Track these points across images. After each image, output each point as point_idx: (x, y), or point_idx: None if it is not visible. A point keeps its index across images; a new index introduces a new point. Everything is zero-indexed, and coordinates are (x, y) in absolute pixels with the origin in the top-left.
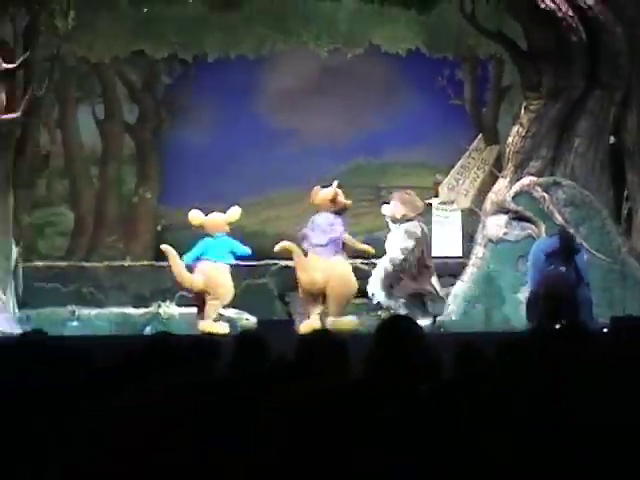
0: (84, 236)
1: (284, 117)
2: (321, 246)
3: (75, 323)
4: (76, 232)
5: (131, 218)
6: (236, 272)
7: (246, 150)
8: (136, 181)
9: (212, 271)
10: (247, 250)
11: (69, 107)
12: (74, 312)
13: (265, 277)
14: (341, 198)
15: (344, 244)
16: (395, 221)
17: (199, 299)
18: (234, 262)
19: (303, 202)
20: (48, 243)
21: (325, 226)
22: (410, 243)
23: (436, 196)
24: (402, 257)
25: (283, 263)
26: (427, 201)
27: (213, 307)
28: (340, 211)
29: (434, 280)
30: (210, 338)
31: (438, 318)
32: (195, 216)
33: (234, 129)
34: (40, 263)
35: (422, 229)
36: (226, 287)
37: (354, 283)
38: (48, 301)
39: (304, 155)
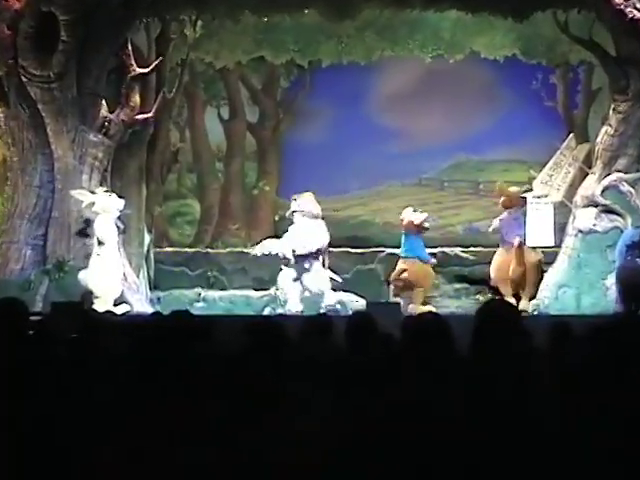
0: (210, 225)
1: (392, 118)
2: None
3: (201, 304)
4: (202, 221)
5: (252, 209)
6: (347, 258)
7: (356, 148)
8: (257, 175)
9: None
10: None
11: (197, 108)
12: (200, 294)
13: (373, 263)
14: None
15: None
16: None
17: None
18: (344, 249)
19: (409, 195)
20: (177, 231)
21: None
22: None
23: (531, 190)
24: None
25: (389, 250)
26: (522, 195)
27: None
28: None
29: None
30: (326, 316)
31: (533, 301)
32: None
33: (345, 129)
34: (170, 249)
35: None
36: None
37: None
38: (177, 284)
39: (410, 152)
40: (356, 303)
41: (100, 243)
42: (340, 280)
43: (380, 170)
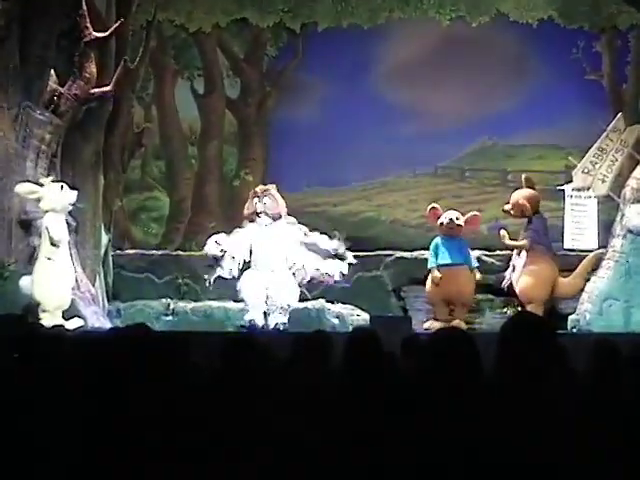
0: (181, 222)
1: (402, 93)
2: None
3: (170, 318)
4: (172, 218)
5: (232, 202)
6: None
7: (360, 129)
8: (238, 162)
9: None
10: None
11: (166, 81)
12: (169, 305)
13: (379, 269)
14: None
15: None
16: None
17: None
18: None
19: (422, 187)
20: (142, 230)
21: None
22: None
23: (569, 182)
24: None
25: (399, 254)
26: (559, 187)
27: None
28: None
29: None
30: (322, 334)
31: (572, 317)
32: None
33: (346, 106)
34: (132, 251)
35: None
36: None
37: None
38: (140, 293)
39: (423, 135)
40: (357, 317)
41: (53, 244)
42: (354, 261)
43: (387, 157)
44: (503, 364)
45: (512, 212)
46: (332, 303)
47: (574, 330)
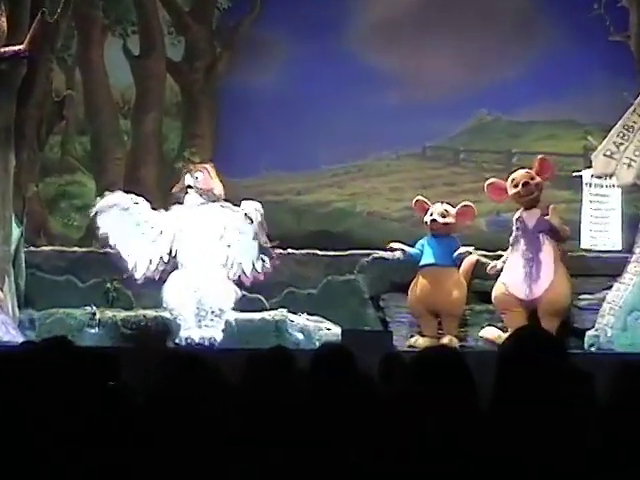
0: None
1: (382, 56)
2: None
3: (95, 330)
4: None
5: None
6: (314, 265)
7: (331, 100)
8: (181, 139)
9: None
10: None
11: (92, 38)
12: (94, 315)
13: (353, 272)
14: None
15: None
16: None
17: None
18: (310, 251)
19: (406, 171)
20: (62, 222)
21: None
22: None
23: (588, 167)
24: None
25: (378, 254)
26: (576, 173)
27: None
28: None
29: None
30: (283, 350)
31: (591, 333)
32: None
33: (314, 72)
34: (50, 248)
35: None
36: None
37: None
38: (60, 300)
39: (409, 108)
40: (326, 332)
41: None
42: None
43: (364, 134)
44: (504, 391)
45: (529, 186)
46: (295, 314)
47: (592, 349)
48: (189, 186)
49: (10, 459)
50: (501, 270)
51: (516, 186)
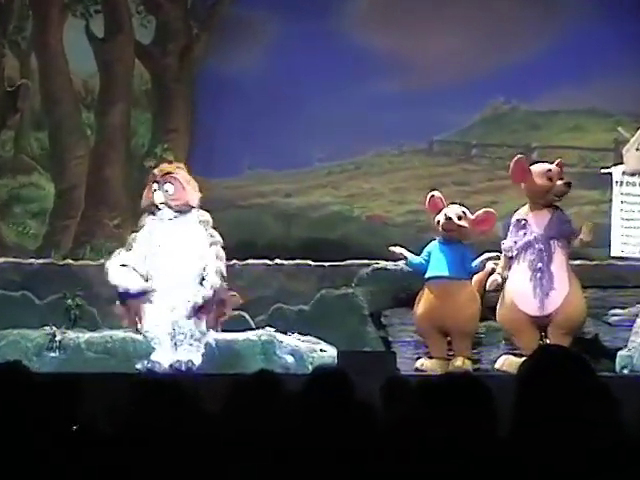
0: (70, 218)
1: (382, 37)
2: None
3: (56, 354)
4: (58, 213)
5: (143, 191)
6: (306, 277)
7: (323, 89)
8: (152, 134)
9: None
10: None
11: (50, 19)
12: (54, 336)
13: (351, 285)
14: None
15: None
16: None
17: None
18: (302, 261)
19: (411, 169)
20: (15, 230)
21: None
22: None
23: (619, 163)
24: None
25: (379, 264)
26: (604, 170)
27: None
28: None
29: None
30: (269, 375)
31: (623, 353)
32: None
33: (304, 56)
34: (2, 260)
35: None
36: None
37: None
38: (15, 319)
39: (413, 97)
40: (320, 354)
41: None
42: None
43: (362, 127)
44: (524, 420)
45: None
46: (285, 333)
47: (625, 371)
48: (162, 202)
49: None
50: (502, 283)
51: (550, 179)
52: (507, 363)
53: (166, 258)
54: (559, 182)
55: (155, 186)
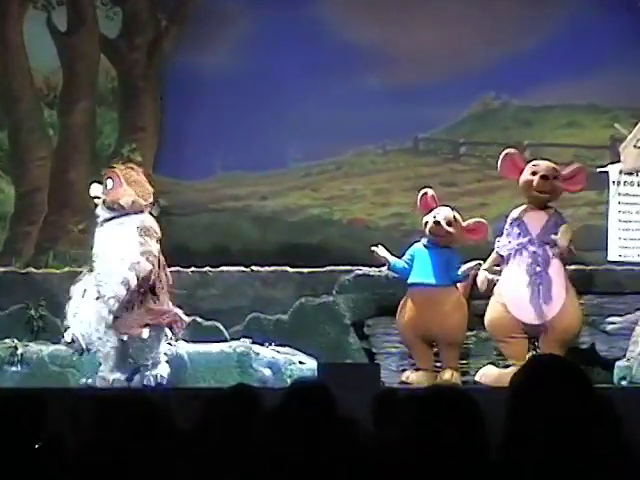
0: (32, 224)
1: (364, 29)
2: None
3: (17, 368)
4: (19, 217)
5: None
6: (284, 284)
7: (301, 84)
8: (119, 134)
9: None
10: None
11: (9, 12)
12: (16, 349)
13: (331, 293)
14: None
15: None
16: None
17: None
18: (279, 268)
19: (395, 169)
20: None
21: None
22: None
23: (616, 161)
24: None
25: (361, 270)
26: (601, 169)
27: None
28: None
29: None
30: (247, 389)
31: (621, 363)
32: None
33: (281, 49)
34: None
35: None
36: None
37: None
38: None
39: (397, 91)
40: (299, 366)
41: None
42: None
43: (342, 125)
44: (517, 434)
45: (546, 183)
46: (262, 345)
47: (624, 382)
48: (96, 196)
49: None
50: (494, 286)
51: (533, 174)
52: (486, 375)
53: (99, 264)
54: (535, 176)
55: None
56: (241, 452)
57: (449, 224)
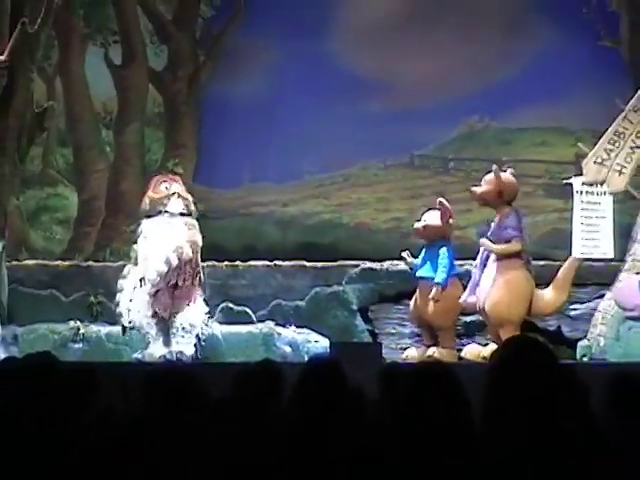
0: (92, 225)
1: (368, 61)
2: None
3: (80, 345)
4: (81, 220)
5: None
6: (301, 276)
7: (316, 108)
8: (164, 150)
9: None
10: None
11: (74, 48)
12: (78, 330)
13: (341, 284)
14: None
15: None
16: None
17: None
18: (297, 262)
19: (394, 181)
20: (43, 235)
21: None
22: None
23: (579, 174)
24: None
25: (366, 265)
26: (567, 181)
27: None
28: None
29: None
30: (270, 365)
31: (583, 343)
32: None
33: (299, 79)
34: (32, 262)
35: None
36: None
37: None
38: (43, 315)
39: (396, 116)
40: (314, 344)
41: None
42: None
43: (350, 143)
44: (494, 405)
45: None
46: (283, 327)
47: (585, 359)
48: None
49: None
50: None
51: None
52: (470, 351)
53: (146, 251)
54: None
55: (164, 185)
56: (268, 416)
57: (426, 220)
